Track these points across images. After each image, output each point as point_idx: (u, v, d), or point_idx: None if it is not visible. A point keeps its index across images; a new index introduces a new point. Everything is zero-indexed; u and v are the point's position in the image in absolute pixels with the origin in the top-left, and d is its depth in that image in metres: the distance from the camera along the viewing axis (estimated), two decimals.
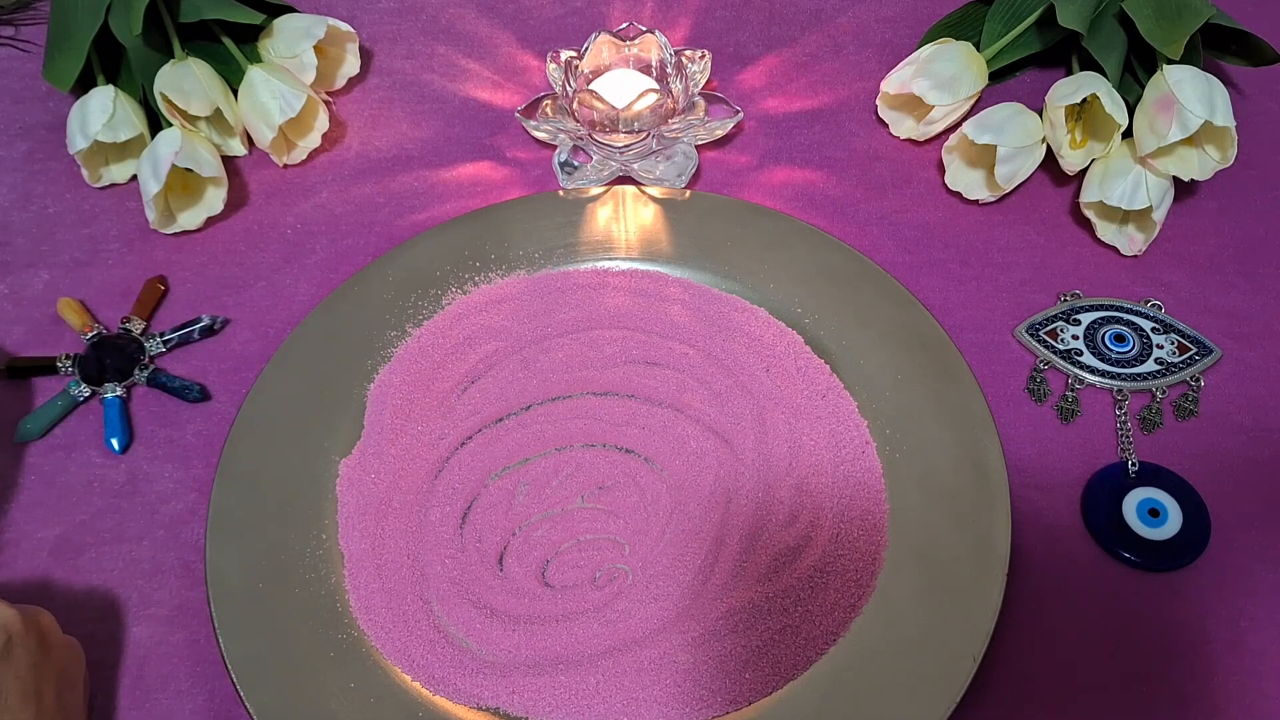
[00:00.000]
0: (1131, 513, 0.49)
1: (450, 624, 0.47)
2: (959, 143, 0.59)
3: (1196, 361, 0.54)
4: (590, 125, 0.60)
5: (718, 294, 0.56)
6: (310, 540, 0.49)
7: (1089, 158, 0.58)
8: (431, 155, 0.64)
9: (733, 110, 0.61)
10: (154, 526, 0.51)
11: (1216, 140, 0.55)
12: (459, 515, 0.50)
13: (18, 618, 0.40)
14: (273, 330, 0.57)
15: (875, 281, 0.55)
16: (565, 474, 0.51)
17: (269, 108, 0.60)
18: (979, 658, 0.44)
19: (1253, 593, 0.48)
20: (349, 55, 0.66)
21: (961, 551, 0.47)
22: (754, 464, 0.51)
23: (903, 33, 0.70)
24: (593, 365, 0.54)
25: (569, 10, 0.72)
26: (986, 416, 0.50)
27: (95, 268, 0.59)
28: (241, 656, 0.45)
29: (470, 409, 0.53)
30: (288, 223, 0.61)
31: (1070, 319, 0.56)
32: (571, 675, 0.45)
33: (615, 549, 0.49)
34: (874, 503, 0.49)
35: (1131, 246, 0.58)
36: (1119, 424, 0.53)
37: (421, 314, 0.56)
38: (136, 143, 0.61)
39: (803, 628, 0.46)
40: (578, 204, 0.59)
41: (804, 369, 0.54)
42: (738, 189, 0.62)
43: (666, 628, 0.47)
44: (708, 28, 0.71)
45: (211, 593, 0.46)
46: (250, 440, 0.51)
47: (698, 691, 0.45)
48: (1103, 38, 0.59)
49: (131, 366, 0.55)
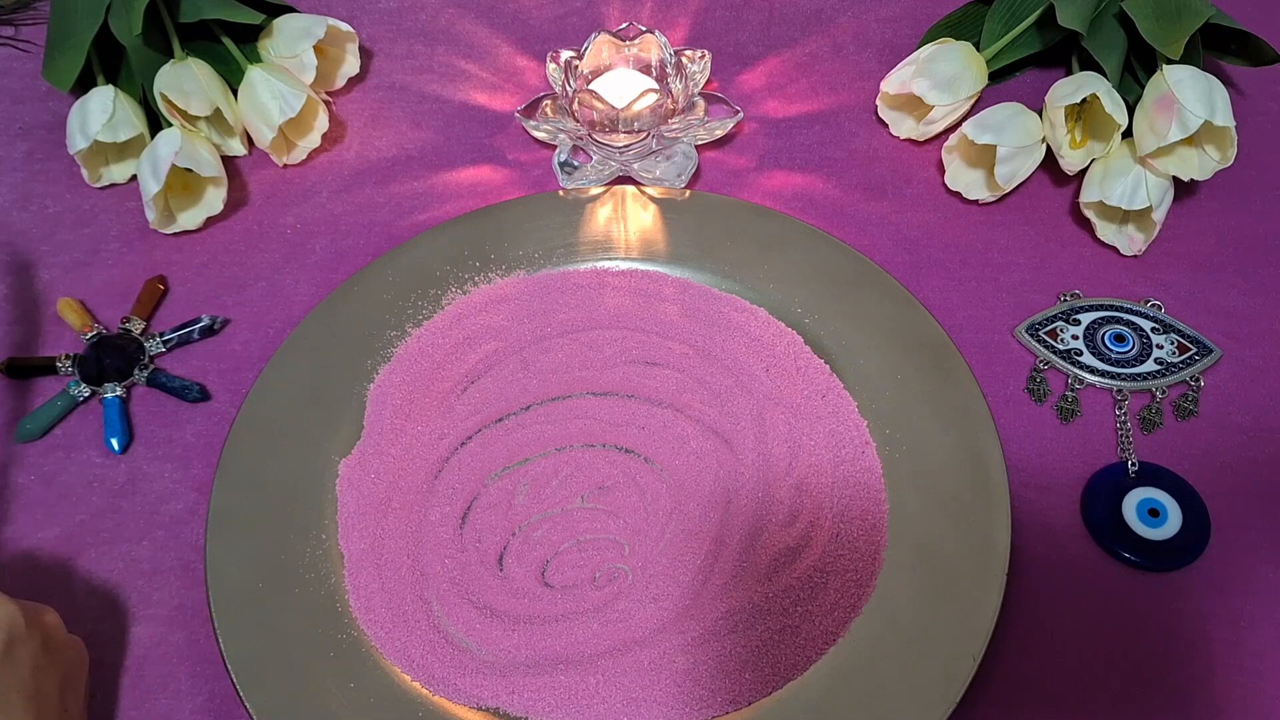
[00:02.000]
0: (1131, 513, 0.49)
1: (450, 624, 0.47)
2: (959, 143, 0.59)
3: (1196, 361, 0.54)
4: (590, 125, 0.60)
5: (717, 294, 0.56)
6: (310, 540, 0.49)
7: (1089, 158, 0.58)
8: (431, 155, 0.64)
9: (732, 110, 0.61)
10: (154, 526, 0.51)
11: (1216, 140, 0.55)
12: (459, 515, 0.50)
13: (20, 616, 0.39)
14: (273, 330, 0.57)
15: (875, 281, 0.55)
16: (565, 474, 0.51)
17: (269, 108, 0.60)
18: (979, 658, 0.44)
19: (1253, 593, 0.48)
20: (349, 55, 0.66)
21: (961, 551, 0.47)
22: (754, 464, 0.51)
23: (903, 33, 0.70)
24: (592, 365, 0.54)
25: (568, 10, 0.72)
26: (986, 416, 0.50)
27: (95, 268, 0.59)
28: (241, 656, 0.45)
29: (470, 409, 0.53)
30: (287, 223, 0.61)
31: (1070, 319, 0.56)
32: (571, 675, 0.45)
33: (615, 549, 0.49)
34: (874, 503, 0.49)
35: (1131, 246, 0.58)
36: (1119, 424, 0.53)
37: (421, 314, 0.56)
38: (136, 143, 0.61)
39: (803, 628, 0.46)
40: (577, 204, 0.59)
41: (804, 369, 0.54)
42: (737, 189, 0.62)
43: (666, 628, 0.47)
44: (707, 28, 0.71)
45: (211, 593, 0.46)
46: (250, 440, 0.51)
47: (698, 691, 0.45)
48: (1103, 38, 0.59)
49: (131, 366, 0.55)
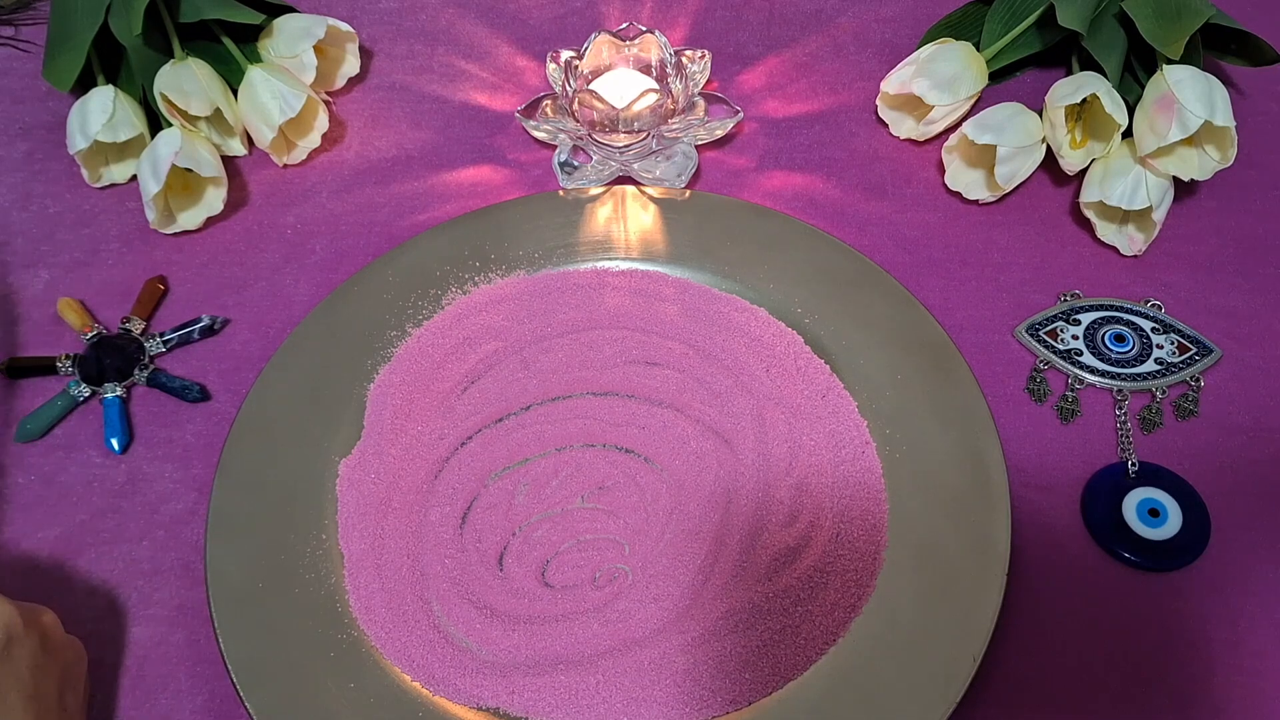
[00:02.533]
0: (1131, 513, 0.49)
1: (450, 624, 0.47)
2: (959, 143, 0.59)
3: (1196, 361, 0.54)
4: (590, 125, 0.60)
5: (717, 294, 0.56)
6: (310, 540, 0.49)
7: (1089, 158, 0.58)
8: (431, 155, 0.64)
9: (732, 110, 0.61)
10: (154, 526, 0.51)
11: (1216, 140, 0.55)
12: (459, 515, 0.50)
13: (18, 616, 0.39)
14: (273, 330, 0.57)
15: (875, 281, 0.55)
16: (565, 474, 0.51)
17: (269, 108, 0.60)
18: (979, 658, 0.44)
19: (1253, 593, 0.48)
20: (349, 55, 0.66)
21: (961, 551, 0.47)
22: (754, 464, 0.51)
23: (903, 33, 0.70)
24: (592, 365, 0.54)
25: (568, 10, 0.72)
26: (986, 416, 0.50)
27: (95, 268, 0.59)
28: (241, 656, 0.45)
29: (470, 409, 0.53)
30: (287, 223, 0.61)
31: (1070, 319, 0.56)
32: (571, 675, 0.45)
33: (615, 549, 0.49)
34: (874, 503, 0.49)
35: (1131, 246, 0.58)
36: (1119, 424, 0.53)
37: (421, 314, 0.56)
38: (136, 143, 0.61)
39: (803, 628, 0.46)
40: (577, 204, 0.59)
41: (804, 369, 0.54)
42: (737, 189, 0.62)
43: (666, 628, 0.47)
44: (707, 28, 0.71)
45: (211, 593, 0.46)
46: (250, 440, 0.51)
47: (698, 691, 0.45)
48: (1103, 38, 0.59)
49: (131, 366, 0.55)
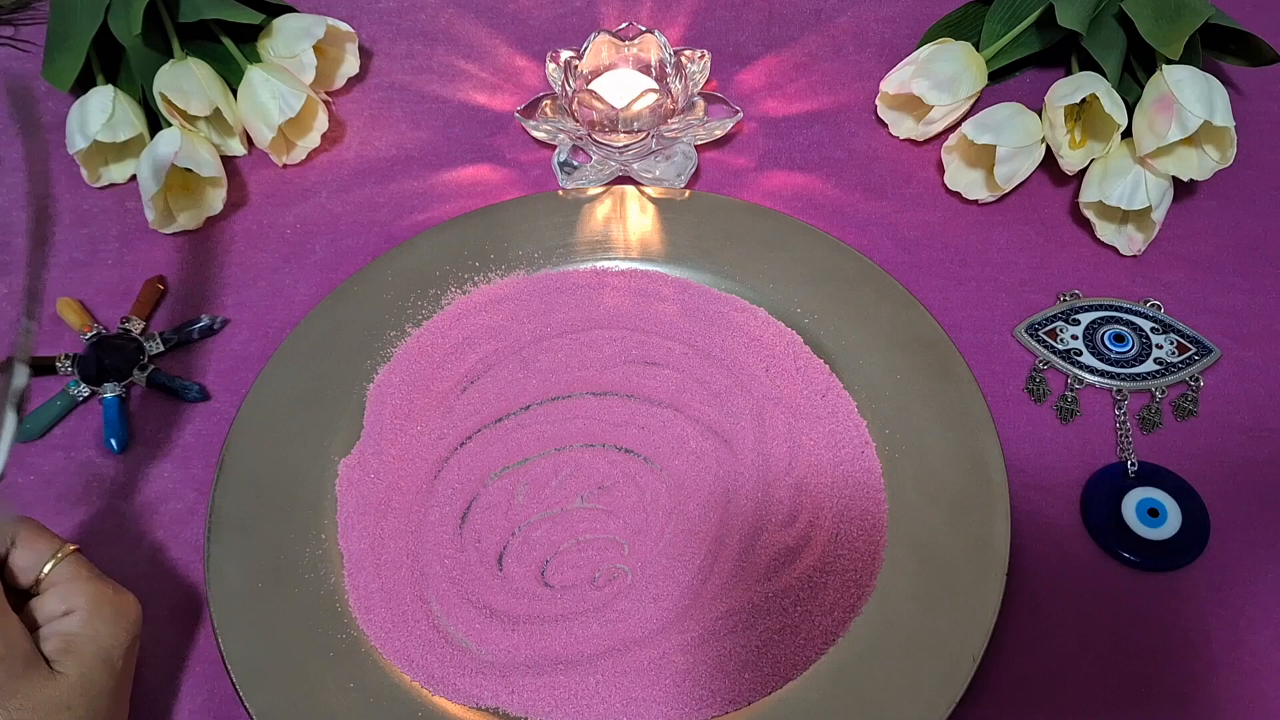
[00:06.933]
0: (1131, 513, 0.49)
1: (449, 624, 0.47)
2: (958, 143, 0.59)
3: (1196, 361, 0.54)
4: (590, 125, 0.60)
5: (717, 294, 0.56)
6: (310, 540, 0.49)
7: (1088, 158, 0.58)
8: (431, 155, 0.64)
9: (732, 110, 0.61)
10: (154, 526, 0.51)
11: (1216, 140, 0.55)
12: (458, 515, 0.50)
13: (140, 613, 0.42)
14: (272, 330, 0.57)
15: (875, 281, 0.55)
16: (565, 474, 0.51)
17: (268, 108, 0.60)
18: (979, 658, 0.44)
19: (1252, 593, 0.48)
20: (348, 55, 0.66)
21: (961, 551, 0.47)
22: (753, 464, 0.51)
23: (902, 33, 0.70)
24: (592, 365, 0.54)
25: (568, 10, 0.72)
26: (986, 416, 0.50)
27: (95, 268, 0.59)
28: (241, 656, 0.45)
29: (469, 409, 0.53)
30: (287, 223, 0.61)
31: (1070, 319, 0.56)
32: (571, 675, 0.45)
33: (615, 549, 0.49)
34: (873, 502, 0.49)
35: (1131, 246, 0.58)
36: (1118, 424, 0.53)
37: (421, 314, 0.56)
38: (136, 143, 0.61)
39: (802, 628, 0.46)
40: (577, 204, 0.59)
41: (803, 369, 0.54)
42: (737, 189, 0.62)
43: (666, 628, 0.47)
44: (706, 28, 0.71)
45: (211, 593, 0.46)
46: (250, 440, 0.51)
47: (697, 691, 0.45)
48: (1102, 38, 0.59)
49: (131, 366, 0.55)
